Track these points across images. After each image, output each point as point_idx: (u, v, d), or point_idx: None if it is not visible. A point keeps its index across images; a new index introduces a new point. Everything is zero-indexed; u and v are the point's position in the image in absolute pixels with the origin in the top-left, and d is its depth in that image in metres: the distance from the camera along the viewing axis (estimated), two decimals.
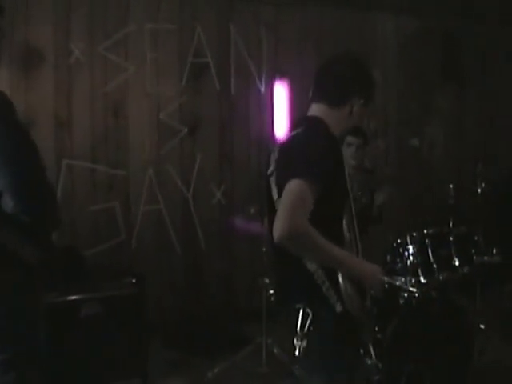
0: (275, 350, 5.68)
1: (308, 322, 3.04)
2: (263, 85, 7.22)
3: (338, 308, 3.01)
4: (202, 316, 6.88)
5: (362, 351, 4.70)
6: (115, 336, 5.37)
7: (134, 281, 5.53)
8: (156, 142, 6.82)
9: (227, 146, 7.09)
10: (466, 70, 8.26)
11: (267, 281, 5.50)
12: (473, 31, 8.41)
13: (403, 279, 5.24)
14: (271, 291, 5.55)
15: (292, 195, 2.85)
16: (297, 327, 3.06)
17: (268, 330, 5.65)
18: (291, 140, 3.15)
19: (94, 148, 6.57)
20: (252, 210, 5.70)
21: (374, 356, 3.90)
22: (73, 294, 5.31)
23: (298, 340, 3.05)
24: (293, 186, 2.87)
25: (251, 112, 7.18)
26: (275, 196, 3.13)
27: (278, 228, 2.82)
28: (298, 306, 3.08)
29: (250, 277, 6.65)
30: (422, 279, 5.23)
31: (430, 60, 8.08)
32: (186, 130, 6.91)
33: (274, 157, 3.22)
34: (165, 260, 6.87)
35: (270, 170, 3.23)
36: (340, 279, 3.01)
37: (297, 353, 3.06)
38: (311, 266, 3.01)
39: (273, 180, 3.18)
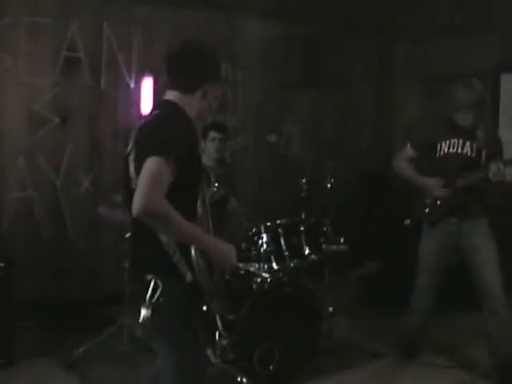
0: (137, 330, 5.67)
1: (158, 292, 3.05)
2: (133, 80, 7.20)
3: (188, 278, 3.02)
4: (70, 299, 6.78)
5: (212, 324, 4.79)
6: None
7: (1, 264, 5.44)
8: (28, 131, 6.68)
9: (96, 137, 7.02)
10: (323, 73, 8.42)
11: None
12: (332, 37, 8.62)
13: (257, 265, 5.35)
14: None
15: (150, 172, 2.86)
16: (146, 297, 3.07)
17: (130, 311, 5.63)
18: (149, 121, 3.17)
19: None
20: (118, 198, 5.68)
21: (221, 327, 3.96)
22: None
23: (144, 308, 3.06)
24: (151, 163, 2.87)
25: (120, 105, 7.14)
26: (132, 173, 3.13)
27: (136, 204, 2.82)
28: (149, 276, 3.08)
29: (115, 261, 6.62)
30: (275, 265, 5.36)
31: (290, 62, 8.21)
32: (58, 120, 6.80)
33: (132, 136, 3.23)
34: (34, 245, 6.75)
35: (128, 149, 3.22)
36: (192, 251, 3.02)
37: (140, 319, 3.07)
38: (163, 237, 3.02)
39: (131, 158, 3.17)
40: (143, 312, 3.07)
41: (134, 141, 3.19)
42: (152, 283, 3.07)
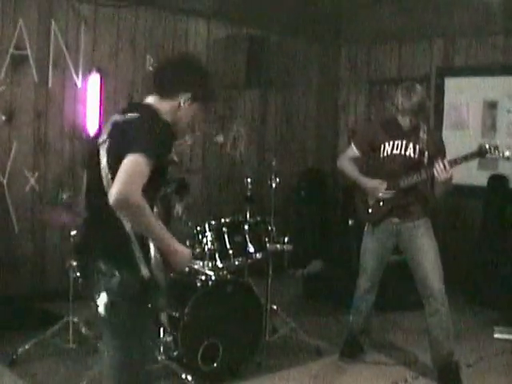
0: (81, 328, 5.60)
1: (114, 281, 3.08)
2: (80, 79, 7.11)
3: (146, 274, 3.05)
4: (14, 295, 6.67)
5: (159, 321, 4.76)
6: None
7: None
8: None
9: (42, 135, 6.92)
10: (269, 74, 8.43)
11: (74, 263, 5.40)
12: (277, 39, 8.65)
13: (201, 263, 5.33)
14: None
15: (131, 166, 2.93)
16: (100, 286, 3.10)
17: (75, 309, 5.56)
18: (128, 120, 3.19)
19: None
20: (64, 197, 5.62)
21: (166, 323, 3.95)
22: None
23: (100, 299, 3.10)
24: (132, 158, 2.94)
25: (66, 104, 7.05)
26: (103, 163, 3.17)
27: (114, 193, 2.88)
28: (105, 268, 3.11)
29: (60, 259, 6.53)
30: (219, 263, 5.34)
31: (236, 63, 8.19)
32: (4, 117, 6.68)
33: (106, 129, 3.26)
34: None
35: (101, 139, 3.25)
36: (151, 248, 3.07)
37: (100, 310, 3.11)
38: (130, 233, 3.05)
39: (103, 147, 3.21)
40: (99, 303, 3.11)
41: (109, 134, 3.22)
42: (108, 272, 3.10)
